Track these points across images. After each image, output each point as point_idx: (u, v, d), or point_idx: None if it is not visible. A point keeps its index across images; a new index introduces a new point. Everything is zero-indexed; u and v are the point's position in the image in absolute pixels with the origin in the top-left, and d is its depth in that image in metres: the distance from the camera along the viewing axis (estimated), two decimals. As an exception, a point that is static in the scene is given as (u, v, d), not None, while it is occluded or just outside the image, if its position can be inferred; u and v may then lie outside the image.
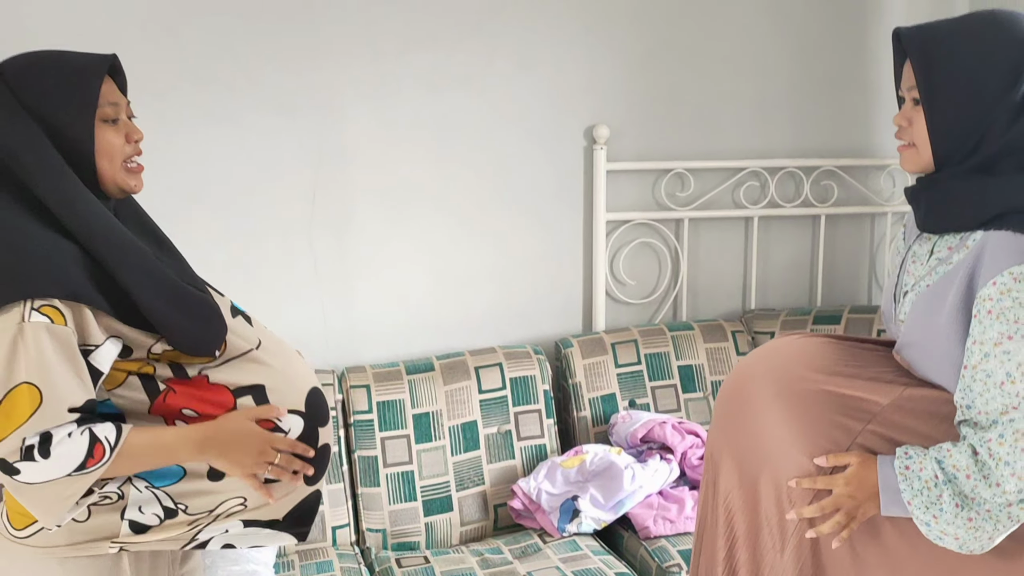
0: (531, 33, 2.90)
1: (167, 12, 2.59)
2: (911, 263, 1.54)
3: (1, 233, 1.39)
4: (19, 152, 1.41)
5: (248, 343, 1.57)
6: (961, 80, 1.41)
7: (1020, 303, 1.33)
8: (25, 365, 1.34)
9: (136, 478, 1.47)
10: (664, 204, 3.10)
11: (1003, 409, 1.35)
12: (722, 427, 1.63)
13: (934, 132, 1.43)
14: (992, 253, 1.37)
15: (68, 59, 1.48)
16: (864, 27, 3.16)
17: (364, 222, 2.86)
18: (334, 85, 2.76)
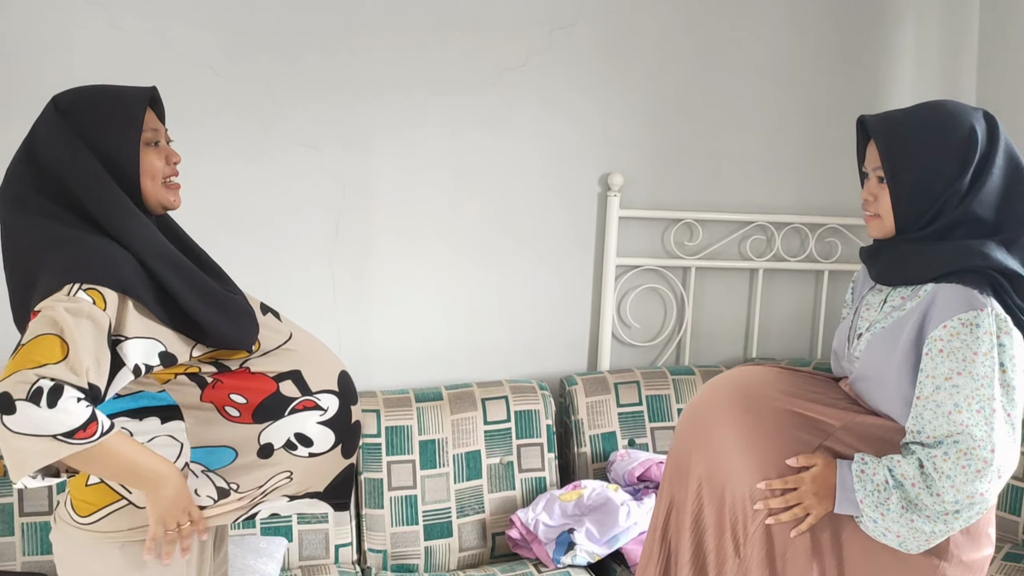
0: (551, 83, 3.03)
1: (211, 51, 2.73)
2: (864, 310, 1.76)
3: (64, 242, 1.51)
4: (76, 177, 1.55)
5: (281, 336, 1.72)
6: (920, 165, 1.63)
7: (967, 344, 1.54)
8: (60, 324, 1.42)
9: (192, 462, 1.61)
10: (672, 252, 3.21)
11: (948, 434, 1.54)
12: (691, 434, 1.79)
13: (897, 207, 1.66)
14: (943, 301, 1.57)
15: (114, 91, 1.63)
16: (873, 92, 3.28)
17: (383, 254, 2.97)
18: (361, 123, 2.89)
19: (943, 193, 1.61)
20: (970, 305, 1.55)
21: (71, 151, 1.55)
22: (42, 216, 1.54)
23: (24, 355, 1.40)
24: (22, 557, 2.45)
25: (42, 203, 1.54)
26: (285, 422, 1.65)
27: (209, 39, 2.73)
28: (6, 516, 2.45)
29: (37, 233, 1.53)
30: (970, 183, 1.61)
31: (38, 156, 1.58)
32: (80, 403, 1.40)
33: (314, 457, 1.68)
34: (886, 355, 1.65)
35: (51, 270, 1.49)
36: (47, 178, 1.56)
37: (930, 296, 1.61)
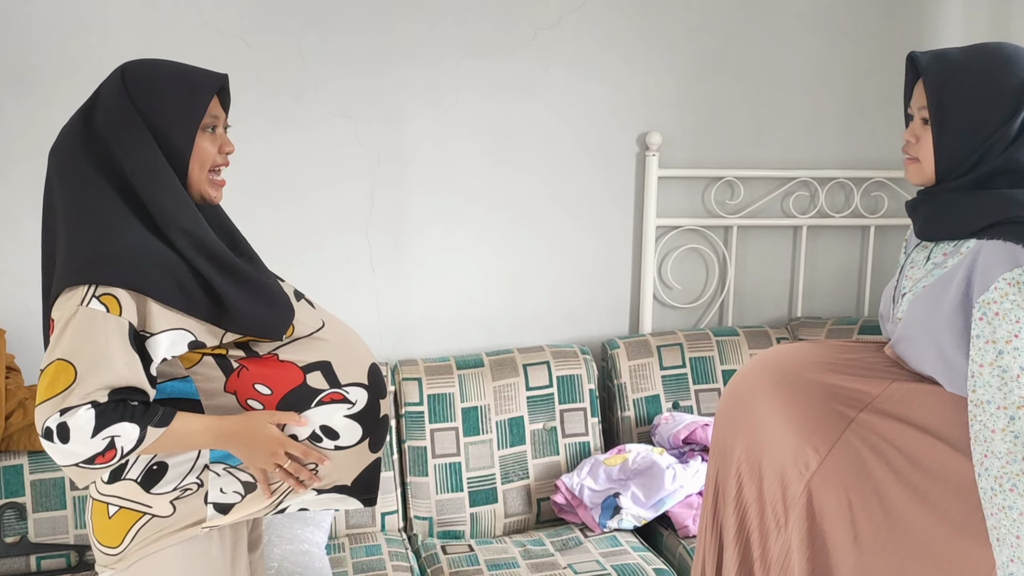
0: (587, 42, 2.97)
1: (241, 21, 2.72)
2: (909, 268, 1.69)
3: (91, 222, 1.50)
4: (127, 147, 1.53)
5: (313, 325, 1.68)
6: (968, 108, 1.55)
7: (1018, 305, 1.47)
8: (69, 344, 1.45)
9: (213, 463, 1.59)
10: (713, 211, 3.15)
11: (1019, 403, 1.46)
12: (729, 416, 1.77)
13: (939, 151, 1.59)
14: (986, 260, 1.50)
15: (184, 71, 1.61)
16: (918, 41, 3.17)
17: (420, 221, 2.96)
18: (395, 90, 2.87)
19: (989, 139, 1.54)
20: (1015, 262, 1.47)
21: (127, 122, 1.54)
22: (81, 183, 1.53)
23: (42, 388, 1.45)
24: (74, 530, 2.49)
25: (85, 169, 1.53)
26: (311, 414, 1.62)
27: (239, 10, 2.72)
28: (58, 491, 2.48)
29: (73, 204, 1.52)
30: (1019, 130, 1.54)
31: (94, 120, 1.56)
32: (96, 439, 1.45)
33: (340, 450, 1.65)
34: (928, 314, 1.58)
35: (72, 256, 1.48)
36: (96, 144, 1.54)
37: (972, 254, 1.54)
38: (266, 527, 2.42)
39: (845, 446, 1.62)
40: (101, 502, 1.60)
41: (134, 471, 1.57)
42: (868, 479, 1.61)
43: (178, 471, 1.58)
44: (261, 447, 1.57)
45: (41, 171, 1.62)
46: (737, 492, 1.75)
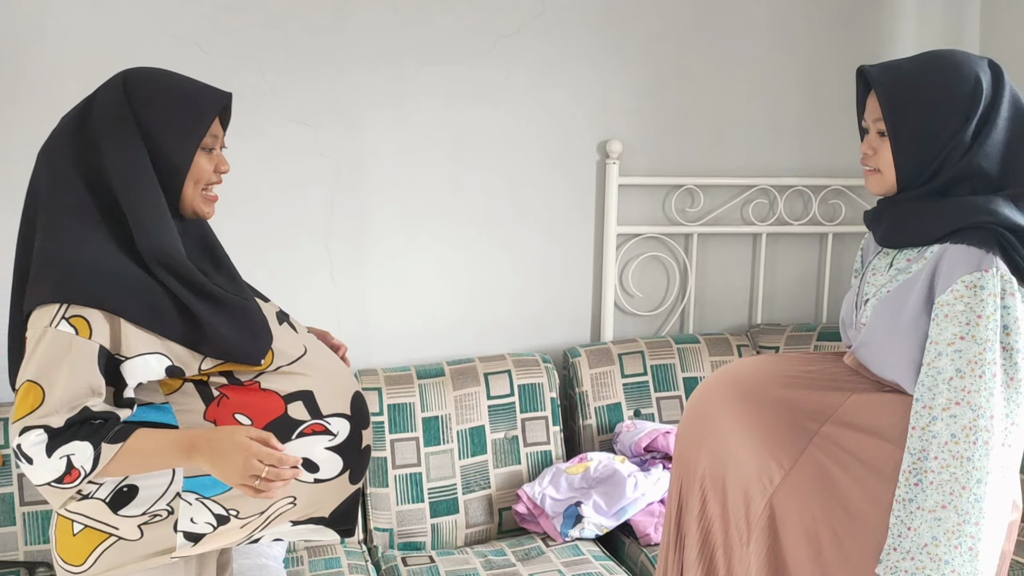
0: (547, 50, 2.97)
1: (197, 24, 2.68)
2: (871, 275, 1.69)
3: (67, 235, 1.46)
4: (119, 161, 1.49)
5: (295, 350, 1.63)
6: (923, 117, 1.56)
7: (971, 307, 1.48)
8: (37, 366, 1.42)
9: (185, 491, 1.54)
10: (674, 219, 3.16)
11: (946, 405, 1.48)
12: (693, 431, 1.77)
13: (899, 161, 1.59)
14: (949, 263, 1.51)
15: (191, 87, 1.57)
16: (874, 50, 3.21)
17: (380, 230, 2.93)
18: (355, 98, 2.84)
19: (946, 146, 1.55)
20: (975, 266, 1.49)
21: (122, 132, 1.50)
22: (67, 193, 1.49)
23: (15, 408, 1.45)
24: (24, 547, 2.43)
25: (71, 178, 1.49)
26: (291, 446, 1.57)
27: (196, 15, 2.68)
28: (7, 506, 2.43)
29: (53, 212, 1.48)
30: (974, 135, 1.55)
31: (88, 125, 1.52)
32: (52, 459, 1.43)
33: (320, 483, 1.61)
34: (892, 318, 1.59)
35: (44, 269, 1.45)
36: (87, 150, 1.50)
37: (936, 257, 1.55)
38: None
39: (809, 460, 1.62)
40: (67, 518, 1.56)
41: (103, 491, 1.53)
42: (832, 492, 1.61)
43: (148, 494, 1.53)
44: (233, 457, 1.47)
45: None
46: (701, 508, 1.75)
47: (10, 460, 2.43)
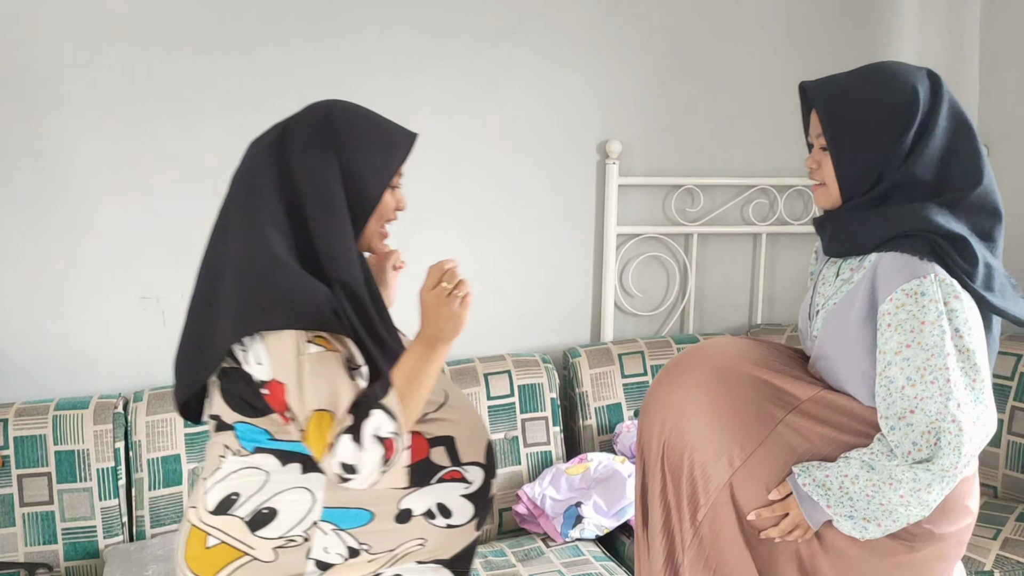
0: (546, 50, 2.97)
1: (197, 28, 2.67)
2: (821, 285, 1.71)
3: (278, 263, 1.47)
4: (319, 189, 1.51)
5: (438, 396, 1.67)
6: (861, 129, 1.59)
7: (913, 315, 1.49)
8: (313, 392, 1.43)
9: (323, 521, 1.55)
10: (674, 219, 3.16)
11: (901, 414, 1.50)
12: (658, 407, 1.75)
13: (840, 174, 1.62)
14: (885, 272, 1.53)
15: (387, 128, 1.63)
16: (874, 49, 3.21)
17: (380, 230, 2.92)
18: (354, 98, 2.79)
19: (885, 157, 1.58)
20: (912, 273, 1.50)
21: (323, 162, 1.52)
22: (268, 216, 1.50)
23: (313, 442, 1.44)
24: (24, 548, 2.43)
25: (271, 202, 1.50)
26: (431, 490, 1.59)
27: (194, 17, 2.67)
28: (7, 507, 2.42)
29: (254, 236, 1.48)
30: (912, 145, 1.58)
31: (286, 153, 1.53)
32: (365, 448, 1.43)
33: (451, 528, 1.62)
34: (840, 331, 1.61)
35: (266, 297, 1.45)
36: (286, 180, 1.52)
37: (872, 267, 1.57)
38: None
39: (771, 446, 1.62)
40: (201, 531, 1.56)
41: (243, 510, 1.54)
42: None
43: (287, 519, 1.54)
44: (441, 311, 1.61)
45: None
46: (662, 486, 1.74)
47: (9, 461, 2.43)
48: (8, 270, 2.64)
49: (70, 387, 2.71)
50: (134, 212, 2.71)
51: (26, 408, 2.51)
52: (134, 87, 2.65)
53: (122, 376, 2.76)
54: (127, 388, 2.72)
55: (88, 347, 2.73)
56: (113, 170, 2.68)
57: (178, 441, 2.56)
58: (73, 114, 2.62)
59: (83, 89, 2.62)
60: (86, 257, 2.70)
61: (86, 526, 2.47)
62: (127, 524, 2.53)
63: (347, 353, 1.51)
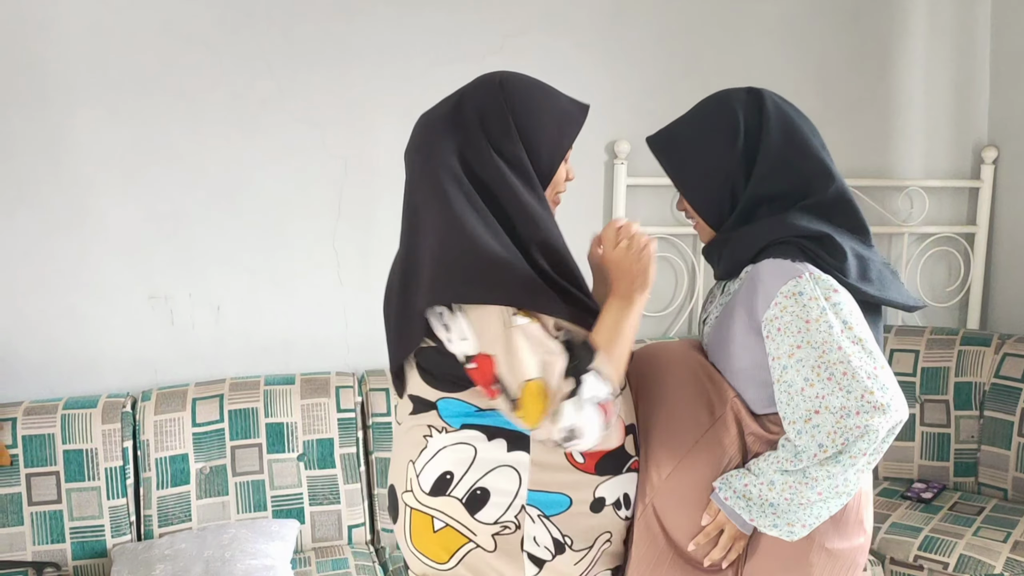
0: (555, 50, 2.96)
1: (205, 24, 2.68)
2: (708, 303, 1.75)
3: (476, 235, 1.47)
4: (503, 158, 1.52)
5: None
6: (696, 163, 1.65)
7: (797, 316, 1.49)
8: (524, 363, 1.43)
9: (529, 505, 1.54)
10: (682, 219, 3.13)
11: (806, 416, 1.48)
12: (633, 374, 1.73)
13: (698, 208, 1.67)
14: (762, 279, 1.54)
15: (562, 99, 1.62)
16: (885, 51, 3.20)
17: (387, 230, 2.91)
18: (362, 97, 2.84)
19: (726, 178, 1.62)
20: (787, 275, 1.51)
21: (505, 133, 1.53)
22: (455, 187, 1.49)
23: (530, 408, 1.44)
24: (32, 547, 2.43)
25: (457, 179, 1.50)
26: (620, 480, 1.59)
27: (203, 13, 2.68)
28: (15, 506, 2.43)
29: (446, 208, 1.48)
30: (748, 162, 1.60)
31: (464, 123, 1.54)
32: (584, 412, 1.43)
33: (626, 521, 1.62)
34: (724, 342, 1.62)
35: (469, 270, 1.45)
36: (469, 147, 1.52)
37: (749, 277, 1.58)
38: (229, 541, 2.38)
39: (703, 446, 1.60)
40: (425, 514, 1.56)
41: (459, 490, 1.53)
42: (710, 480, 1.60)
43: (499, 500, 1.53)
44: (640, 272, 1.55)
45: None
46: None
47: (18, 460, 2.43)
48: (17, 268, 2.65)
49: (79, 386, 2.72)
50: (143, 211, 2.72)
51: (35, 407, 2.52)
52: (144, 86, 2.66)
53: (131, 375, 2.76)
54: (135, 387, 2.73)
55: (97, 346, 2.74)
56: (122, 169, 2.68)
57: (186, 440, 2.56)
58: (83, 113, 2.63)
59: (93, 88, 2.62)
60: (95, 256, 2.70)
61: (94, 525, 2.48)
62: (135, 523, 2.53)
63: (552, 321, 1.51)
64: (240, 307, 2.84)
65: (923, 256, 3.32)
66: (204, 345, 2.82)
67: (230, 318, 2.83)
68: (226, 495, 2.58)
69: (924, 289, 3.37)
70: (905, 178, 3.28)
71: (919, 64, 3.22)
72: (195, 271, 2.78)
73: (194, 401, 2.61)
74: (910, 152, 3.30)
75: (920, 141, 3.30)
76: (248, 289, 2.83)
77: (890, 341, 3.03)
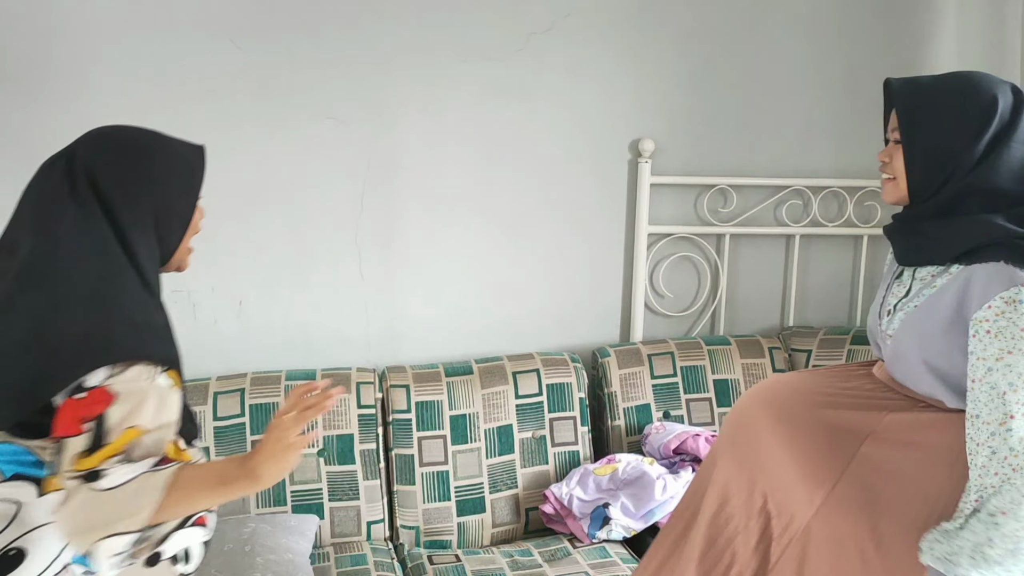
0: (580, 48, 2.95)
1: (230, 22, 2.68)
2: (896, 286, 1.72)
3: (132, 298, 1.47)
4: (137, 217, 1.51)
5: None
6: (934, 128, 1.62)
7: (1013, 322, 1.49)
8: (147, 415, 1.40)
9: (74, 563, 1.44)
10: (706, 219, 3.13)
11: (1002, 419, 1.49)
12: (731, 448, 1.80)
13: (909, 169, 1.65)
14: (981, 280, 1.53)
15: (178, 149, 1.59)
16: (913, 49, 3.16)
17: (410, 227, 2.92)
18: (386, 95, 2.83)
19: (954, 160, 1.60)
20: (1010, 281, 1.51)
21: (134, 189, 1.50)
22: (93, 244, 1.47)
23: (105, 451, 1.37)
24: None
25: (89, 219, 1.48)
26: (184, 533, 1.46)
27: (228, 11, 2.68)
28: None
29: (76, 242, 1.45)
30: (985, 153, 1.59)
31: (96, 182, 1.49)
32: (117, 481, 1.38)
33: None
34: (921, 334, 1.61)
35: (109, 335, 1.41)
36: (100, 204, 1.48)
37: (966, 275, 1.57)
38: (249, 535, 2.38)
39: (849, 480, 1.64)
40: None
41: None
42: (874, 508, 1.61)
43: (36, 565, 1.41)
44: (278, 449, 1.42)
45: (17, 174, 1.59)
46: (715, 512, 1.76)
47: None
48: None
49: (101, 379, 2.73)
50: (167, 206, 2.73)
51: (58, 399, 2.53)
52: (167, 81, 2.66)
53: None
54: (157, 381, 2.74)
55: (120, 339, 2.75)
56: (146, 164, 2.69)
57: (207, 434, 2.57)
58: (106, 108, 2.64)
59: (116, 83, 2.63)
60: (119, 250, 2.71)
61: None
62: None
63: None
64: (262, 302, 2.84)
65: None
66: (226, 339, 2.83)
67: (252, 313, 2.84)
68: (246, 489, 2.58)
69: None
70: (932, 180, 3.24)
71: (948, 64, 3.18)
72: (218, 266, 2.79)
73: (215, 395, 2.62)
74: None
75: (948, 142, 3.26)
76: (270, 284, 2.84)
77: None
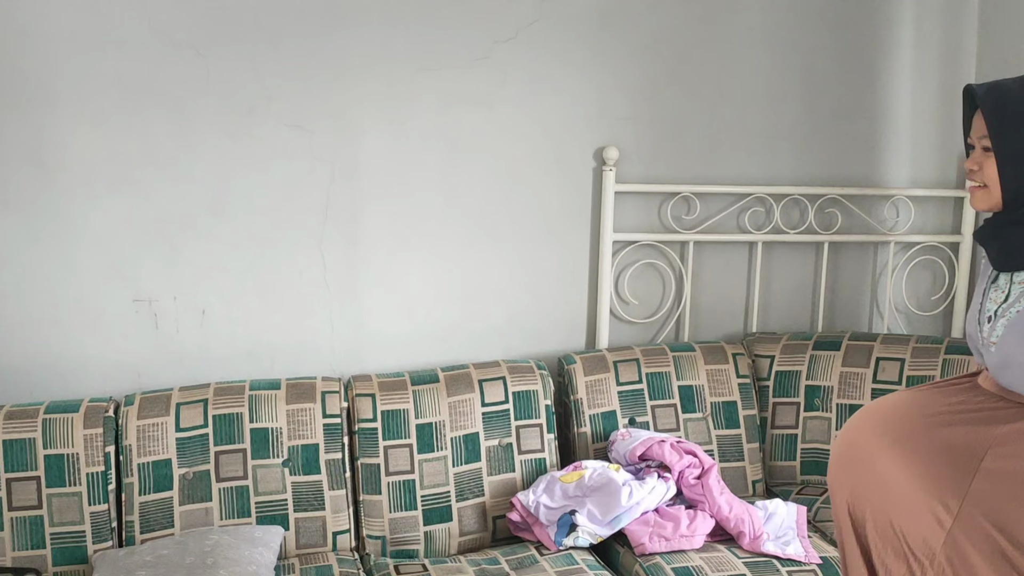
0: (543, 57, 2.96)
1: (193, 31, 2.66)
2: (993, 291, 1.72)
3: None
4: None
5: None
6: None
7: None
8: None
9: None
10: (670, 226, 3.15)
11: None
12: (848, 473, 1.81)
13: (1004, 177, 1.63)
14: None
15: None
16: (872, 60, 3.21)
17: (374, 235, 2.92)
18: (350, 103, 2.83)
19: None
20: None
21: None
22: None
23: None
24: (12, 552, 2.41)
25: None
26: None
27: (190, 20, 2.66)
28: (-5, 511, 2.40)
29: None
30: None
31: None
32: None
33: None
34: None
35: None
36: None
37: None
38: (211, 547, 2.36)
39: (976, 497, 1.62)
40: None
41: None
42: (1007, 520, 1.58)
43: None
44: None
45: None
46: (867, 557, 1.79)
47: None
48: (0, 272, 2.62)
49: (61, 390, 2.69)
50: (128, 215, 2.70)
51: (16, 411, 2.49)
52: (128, 90, 2.64)
53: (114, 379, 2.74)
54: (118, 392, 2.71)
55: (80, 350, 2.72)
56: (107, 172, 2.66)
57: (169, 445, 2.54)
58: (67, 116, 2.61)
59: (77, 91, 2.60)
60: (79, 259, 2.68)
61: (75, 531, 2.45)
62: (116, 529, 2.51)
63: None
64: (225, 311, 2.82)
65: (908, 265, 3.33)
66: (188, 349, 2.80)
67: (215, 322, 2.81)
68: (209, 501, 2.55)
69: (909, 298, 3.38)
70: (891, 187, 3.29)
71: (905, 73, 3.24)
72: (180, 275, 2.76)
73: (178, 406, 2.59)
74: (896, 161, 3.31)
75: (906, 150, 3.31)
76: (234, 293, 2.82)
77: (876, 349, 3.04)
